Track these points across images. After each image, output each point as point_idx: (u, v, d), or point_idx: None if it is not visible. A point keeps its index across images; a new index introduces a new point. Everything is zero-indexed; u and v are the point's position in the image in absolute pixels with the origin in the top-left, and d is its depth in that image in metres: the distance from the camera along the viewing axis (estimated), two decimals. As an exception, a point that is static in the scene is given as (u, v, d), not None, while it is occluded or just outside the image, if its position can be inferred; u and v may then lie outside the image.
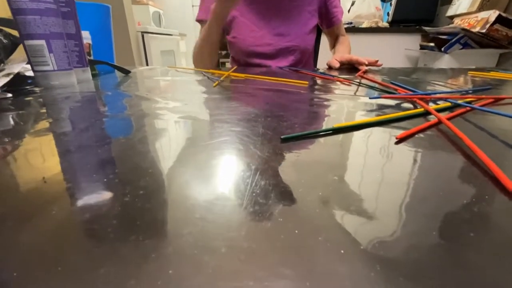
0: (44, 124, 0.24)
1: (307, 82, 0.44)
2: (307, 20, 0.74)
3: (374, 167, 0.16)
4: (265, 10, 0.72)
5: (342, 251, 0.09)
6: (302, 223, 0.11)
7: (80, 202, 0.12)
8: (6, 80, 0.36)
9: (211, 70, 0.58)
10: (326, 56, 0.90)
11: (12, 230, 0.10)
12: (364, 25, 1.71)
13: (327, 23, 0.80)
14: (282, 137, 0.20)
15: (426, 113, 0.26)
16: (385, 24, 1.76)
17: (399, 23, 1.76)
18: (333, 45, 0.89)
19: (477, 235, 0.10)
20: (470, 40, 1.32)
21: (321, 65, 0.88)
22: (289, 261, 0.09)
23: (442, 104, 0.30)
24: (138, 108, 0.29)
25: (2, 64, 0.43)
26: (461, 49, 1.35)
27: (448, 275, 0.08)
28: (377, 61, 0.65)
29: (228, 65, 0.87)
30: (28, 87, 0.40)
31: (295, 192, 0.13)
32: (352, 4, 1.82)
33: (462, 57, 1.36)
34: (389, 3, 1.84)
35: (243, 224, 0.10)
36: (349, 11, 1.82)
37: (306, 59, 0.80)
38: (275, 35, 0.73)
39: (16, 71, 0.39)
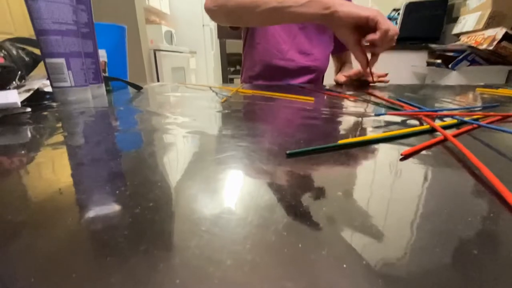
0: (59, 137, 0.25)
1: (313, 99, 0.44)
2: (328, 43, 0.76)
3: (379, 184, 0.16)
4: (292, 27, 0.73)
5: (344, 266, 0.09)
6: (306, 237, 0.11)
7: (93, 213, 0.12)
8: (26, 95, 0.38)
9: (219, 86, 0.60)
10: (333, 74, 0.92)
11: (30, 237, 0.11)
12: (370, 43, 1.73)
13: (340, 47, 0.80)
14: (287, 152, 0.20)
15: (432, 130, 0.26)
16: (391, 42, 1.78)
17: (405, 41, 1.78)
18: (338, 70, 0.91)
19: (481, 253, 0.10)
20: (477, 57, 1.33)
21: (328, 81, 0.89)
22: (291, 275, 0.09)
23: (448, 121, 0.30)
24: (148, 123, 0.30)
25: (23, 80, 0.46)
26: (469, 65, 1.35)
27: (451, 292, 0.08)
28: (387, 74, 0.65)
29: (236, 81, 0.89)
30: (46, 102, 0.43)
31: (299, 207, 0.13)
32: (358, 22, 1.86)
33: (470, 73, 1.35)
34: (394, 22, 1.88)
35: (248, 238, 0.11)
36: (355, 29, 1.86)
37: (319, 77, 0.81)
38: (299, 52, 0.73)
39: (36, 87, 0.41)
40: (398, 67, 1.73)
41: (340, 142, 0.22)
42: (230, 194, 0.14)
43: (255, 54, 0.75)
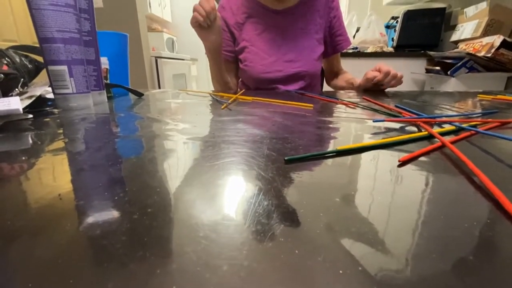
0: (60, 143, 0.25)
1: (312, 105, 0.45)
2: (315, 47, 0.77)
3: (376, 190, 0.16)
4: (274, 39, 0.75)
5: (340, 272, 0.09)
6: (303, 243, 0.11)
7: (91, 219, 0.12)
8: (28, 102, 0.39)
9: (220, 93, 0.61)
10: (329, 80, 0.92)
11: (29, 243, 0.11)
12: (369, 50, 1.75)
13: (331, 50, 0.82)
14: (286, 158, 0.20)
15: (431, 137, 0.26)
16: (390, 49, 1.80)
17: (404, 48, 1.80)
18: (331, 79, 0.91)
19: (478, 259, 0.10)
20: (476, 64, 1.34)
21: (327, 88, 0.90)
22: (288, 281, 0.09)
23: (446, 127, 0.30)
24: (149, 129, 0.30)
25: (26, 87, 0.46)
26: (467, 72, 1.36)
27: (446, 299, 0.08)
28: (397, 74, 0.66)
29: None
30: (48, 108, 0.43)
31: (297, 213, 0.13)
32: (357, 30, 1.89)
33: (469, 80, 1.36)
34: (393, 30, 1.90)
35: (245, 243, 0.11)
36: (354, 36, 1.88)
37: (314, 83, 0.82)
38: (285, 61, 0.76)
39: (38, 93, 0.42)
40: (398, 74, 1.73)
41: (339, 148, 0.22)
42: (228, 200, 0.15)
43: (246, 75, 0.78)
